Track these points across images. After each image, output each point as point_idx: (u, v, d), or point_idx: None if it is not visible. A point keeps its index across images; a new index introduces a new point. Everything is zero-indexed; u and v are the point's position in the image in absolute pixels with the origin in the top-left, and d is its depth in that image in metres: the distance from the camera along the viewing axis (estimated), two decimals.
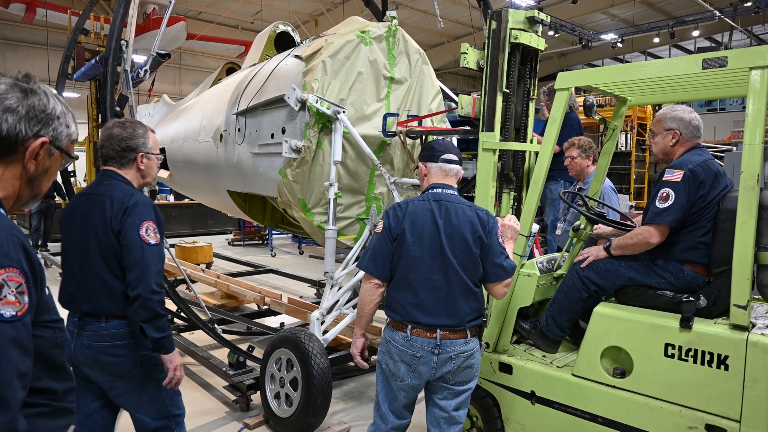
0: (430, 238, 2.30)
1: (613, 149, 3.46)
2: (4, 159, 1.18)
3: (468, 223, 2.33)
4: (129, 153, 2.27)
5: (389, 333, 2.39)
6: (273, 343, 3.62)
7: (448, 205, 2.35)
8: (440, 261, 2.29)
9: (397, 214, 2.36)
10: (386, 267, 2.33)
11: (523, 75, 3.43)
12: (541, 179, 2.92)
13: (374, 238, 2.39)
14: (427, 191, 2.43)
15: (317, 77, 3.94)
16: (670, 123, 2.69)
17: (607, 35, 21.28)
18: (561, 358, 3.00)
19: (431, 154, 2.46)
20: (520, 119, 3.46)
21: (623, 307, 2.69)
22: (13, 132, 1.16)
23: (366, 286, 2.37)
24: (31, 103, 1.19)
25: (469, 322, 2.35)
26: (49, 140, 1.22)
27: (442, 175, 2.45)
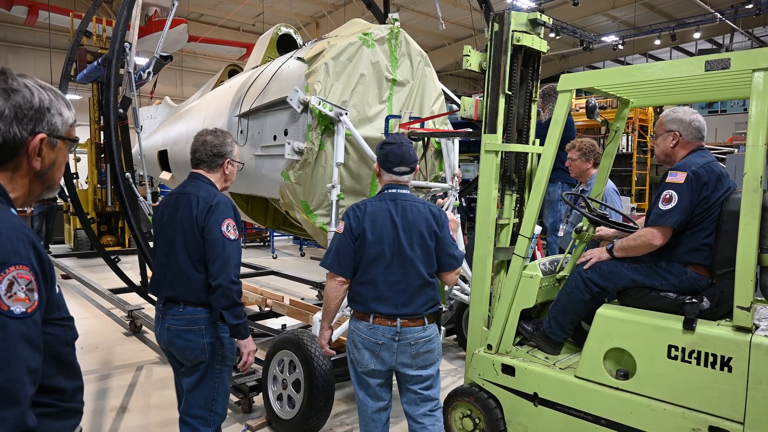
0: (388, 235, 2.47)
1: (615, 151, 3.47)
2: (10, 163, 1.18)
3: (423, 219, 2.50)
4: (218, 159, 2.58)
5: (354, 323, 2.55)
6: (275, 345, 3.62)
7: (404, 204, 2.52)
8: (399, 256, 2.47)
9: (357, 215, 2.50)
10: (349, 265, 2.48)
11: (526, 77, 3.44)
12: (544, 181, 2.93)
13: (335, 238, 2.52)
14: (383, 191, 2.59)
15: (320, 79, 3.95)
16: (670, 125, 2.71)
17: (608, 37, 21.29)
18: (564, 359, 3.00)
19: (385, 163, 2.58)
20: (522, 121, 3.47)
21: (626, 308, 2.69)
22: (9, 137, 1.15)
23: (331, 284, 2.51)
24: (16, 103, 1.16)
25: (426, 310, 2.52)
26: (47, 134, 1.20)
27: (394, 181, 2.60)
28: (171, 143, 6.27)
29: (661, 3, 20.07)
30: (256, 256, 11.37)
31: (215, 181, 2.62)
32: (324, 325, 2.64)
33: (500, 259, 3.28)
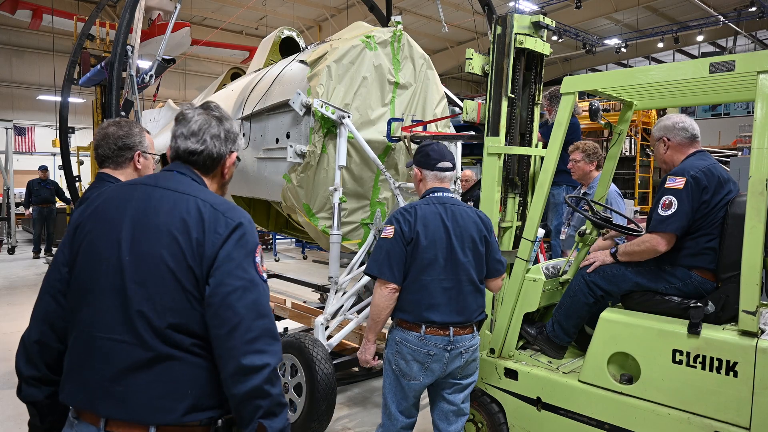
0: (441, 239, 2.39)
1: (618, 154, 3.45)
2: (212, 172, 1.55)
3: (473, 223, 2.47)
4: (125, 152, 2.22)
5: (401, 334, 2.43)
6: None
7: (453, 208, 2.46)
8: (451, 262, 2.40)
9: (408, 218, 2.41)
10: (401, 271, 2.38)
11: (528, 80, 3.43)
12: (547, 184, 2.91)
13: (384, 243, 2.40)
14: (428, 195, 2.53)
15: (322, 82, 3.95)
16: (657, 133, 2.78)
17: (611, 40, 21.27)
18: (567, 363, 2.98)
19: (427, 161, 2.54)
20: (525, 124, 3.46)
21: (630, 312, 2.67)
22: (219, 153, 1.53)
23: (382, 292, 2.38)
24: (226, 128, 1.54)
25: (476, 317, 2.47)
26: (236, 152, 1.58)
27: (438, 181, 2.55)
28: None
29: (663, 6, 20.04)
30: None
31: (126, 179, 2.11)
32: (370, 338, 2.51)
33: None
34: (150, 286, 1.34)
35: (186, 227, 1.36)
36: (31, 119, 19.76)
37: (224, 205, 1.43)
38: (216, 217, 1.39)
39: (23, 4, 14.13)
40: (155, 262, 1.34)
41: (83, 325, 1.38)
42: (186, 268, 1.34)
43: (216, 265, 1.34)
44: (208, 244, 1.35)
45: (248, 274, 1.36)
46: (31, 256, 11.59)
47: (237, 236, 1.38)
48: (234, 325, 1.31)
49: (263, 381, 1.31)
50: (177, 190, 1.43)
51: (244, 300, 1.33)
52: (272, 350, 1.34)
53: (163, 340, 1.32)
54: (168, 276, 1.34)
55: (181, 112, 1.54)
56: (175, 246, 1.35)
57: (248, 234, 1.41)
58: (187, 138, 1.50)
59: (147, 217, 1.39)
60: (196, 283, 1.35)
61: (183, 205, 1.40)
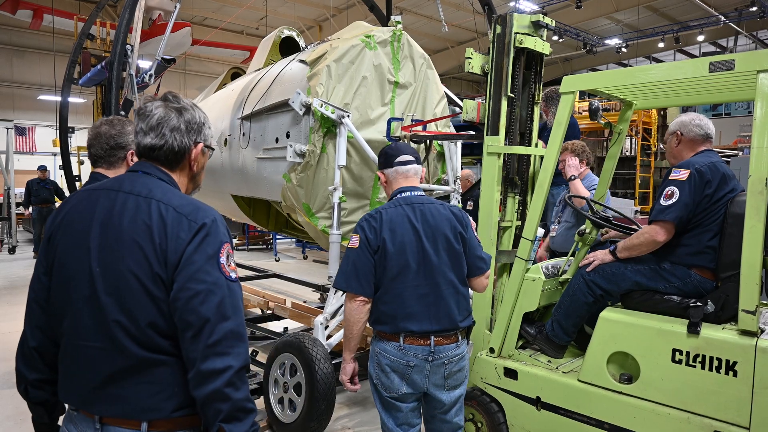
0: (411, 243, 2.25)
1: (618, 153, 3.45)
2: (178, 167, 1.51)
3: (446, 220, 2.31)
4: (118, 151, 2.19)
5: (379, 345, 2.30)
6: (277, 348, 3.60)
7: (422, 207, 2.31)
8: (425, 265, 2.25)
9: (373, 225, 2.27)
10: (370, 282, 2.24)
11: (528, 79, 3.43)
12: (547, 183, 2.91)
13: (351, 254, 2.26)
14: (394, 197, 2.39)
15: (322, 81, 3.95)
16: (672, 127, 2.78)
17: (611, 40, 21.25)
18: (566, 363, 2.98)
19: (386, 160, 2.43)
20: (525, 124, 3.46)
21: (630, 312, 2.67)
22: (181, 146, 1.48)
23: (351, 306, 2.24)
24: (187, 119, 1.48)
25: (460, 322, 2.32)
26: (203, 143, 1.53)
27: (403, 178, 2.41)
28: None
29: (664, 6, 20.01)
30: (259, 258, 11.37)
31: None
32: (346, 357, 2.36)
33: (503, 262, 3.26)
34: (121, 297, 1.32)
35: (149, 234, 1.33)
36: (32, 119, 19.77)
37: (188, 207, 1.38)
38: (178, 220, 1.35)
39: (24, 4, 14.13)
40: (122, 272, 1.32)
41: (68, 334, 1.39)
42: (153, 276, 1.32)
43: (178, 270, 1.32)
44: (171, 250, 1.32)
45: (211, 276, 1.32)
46: (31, 255, 11.59)
47: (199, 239, 1.34)
48: (197, 328, 1.29)
49: (224, 384, 1.28)
50: (140, 194, 1.40)
51: (207, 303, 1.30)
52: (235, 352, 1.31)
53: (144, 347, 1.32)
54: (137, 286, 1.32)
55: (140, 106, 1.51)
56: (140, 254, 1.32)
57: (211, 235, 1.36)
58: (147, 134, 1.46)
59: (112, 224, 1.37)
60: (165, 290, 1.33)
61: (145, 210, 1.36)
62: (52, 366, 1.46)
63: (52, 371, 1.47)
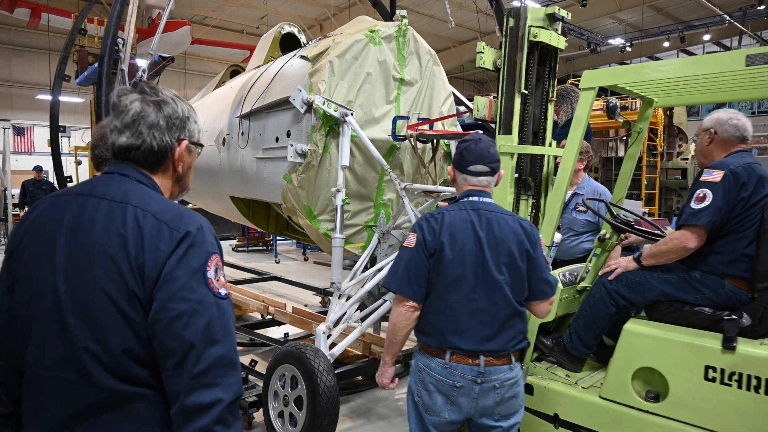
0: (471, 253, 2.04)
1: (637, 153, 3.26)
2: (160, 168, 1.32)
3: (512, 234, 2.08)
4: None
5: (423, 360, 2.11)
6: (276, 359, 3.42)
7: (488, 215, 2.10)
8: (483, 279, 2.04)
9: (433, 226, 2.08)
10: (422, 287, 2.06)
11: (542, 75, 3.25)
12: (565, 184, 2.73)
13: (405, 254, 2.09)
14: (462, 199, 2.17)
15: (324, 78, 3.77)
16: (707, 123, 2.57)
17: (614, 40, 21.08)
18: (586, 377, 2.79)
19: (459, 162, 2.18)
20: (539, 122, 3.28)
21: (657, 324, 2.48)
22: (162, 145, 1.29)
23: (399, 310, 2.07)
24: (167, 114, 1.29)
25: (514, 345, 2.10)
26: (188, 140, 1.34)
27: (471, 185, 2.18)
28: None
29: (668, 5, 19.85)
30: (259, 260, 11.19)
31: None
32: (387, 360, 2.21)
33: None
34: (91, 320, 1.12)
35: (123, 245, 1.14)
36: (30, 119, 19.60)
37: (170, 213, 1.19)
38: (158, 229, 1.16)
39: (22, 3, 13.97)
40: (92, 291, 1.12)
41: (31, 363, 1.18)
42: (128, 295, 1.12)
43: (158, 286, 1.12)
44: (149, 263, 1.13)
45: (196, 294, 1.13)
46: None
47: (182, 250, 1.15)
48: (181, 356, 1.09)
49: (213, 421, 1.09)
50: (114, 199, 1.20)
51: (192, 326, 1.10)
52: (226, 383, 1.12)
53: (119, 378, 1.13)
54: (109, 306, 1.12)
55: (114, 100, 1.30)
56: (113, 269, 1.13)
57: (197, 245, 1.16)
58: (121, 132, 1.26)
59: (81, 235, 1.17)
60: (143, 311, 1.13)
61: (120, 217, 1.17)
62: (16, 399, 1.26)
63: (16, 405, 1.26)
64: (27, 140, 19.75)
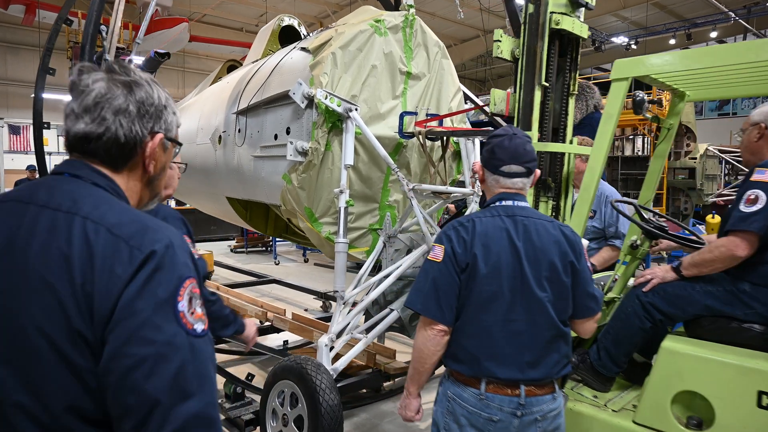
0: (508, 265, 1.78)
1: (667, 151, 3.01)
2: (126, 165, 1.06)
3: (554, 243, 1.81)
4: None
5: (453, 389, 1.84)
6: (275, 373, 3.16)
7: (526, 222, 1.82)
8: (523, 296, 1.77)
9: (463, 236, 1.80)
10: (453, 307, 1.79)
11: (563, 67, 3.00)
12: (593, 186, 2.48)
13: (431, 269, 1.82)
14: (493, 203, 1.89)
15: (326, 71, 3.51)
16: (755, 117, 2.32)
17: (617, 38, 20.84)
18: (615, 399, 2.53)
19: (489, 159, 1.90)
20: (559, 118, 3.03)
21: (700, 342, 2.22)
22: (130, 136, 1.03)
23: (427, 334, 1.81)
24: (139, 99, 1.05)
25: (558, 372, 1.84)
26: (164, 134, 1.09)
27: (503, 188, 1.90)
28: None
29: (672, 3, 19.63)
30: (258, 262, 10.94)
31: None
32: (412, 391, 1.95)
33: None
34: (24, 367, 0.86)
35: (67, 269, 0.87)
36: (26, 117, 19.20)
37: (131, 226, 0.92)
38: (114, 247, 0.88)
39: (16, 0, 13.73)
40: (25, 329, 0.85)
41: None
42: (71, 335, 0.85)
43: (112, 324, 0.85)
44: (100, 293, 0.85)
45: (163, 334, 0.86)
46: None
47: (145, 275, 0.87)
48: (142, 416, 0.83)
49: None
50: (60, 208, 0.93)
51: (156, 376, 0.84)
52: None
53: None
54: (47, 350, 0.85)
55: (73, 79, 1.03)
56: (52, 301, 0.86)
57: (165, 269, 0.89)
58: (79, 117, 1.00)
59: (14, 255, 0.89)
60: (92, 356, 0.86)
61: (64, 232, 0.90)
62: None
63: None
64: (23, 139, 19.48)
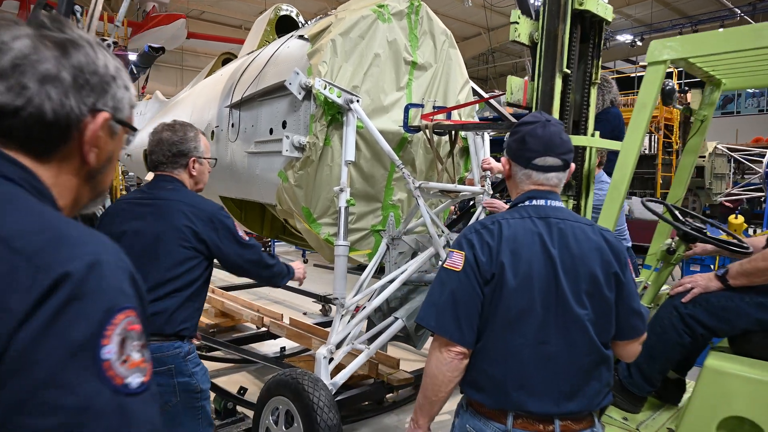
0: (541, 278, 1.48)
1: (700, 146, 2.74)
2: (56, 153, 0.78)
3: (595, 251, 1.51)
4: (180, 158, 2.17)
5: (473, 422, 1.55)
6: (269, 389, 2.90)
7: (561, 226, 1.53)
8: (558, 314, 1.48)
9: (487, 241, 1.51)
10: (474, 326, 1.50)
11: (585, 53, 2.74)
12: (625, 184, 2.21)
13: (448, 279, 1.53)
14: (522, 202, 1.60)
15: (325, 59, 3.24)
16: None
17: (621, 36, 20.59)
18: (648, 421, 2.27)
19: (520, 150, 1.60)
20: (580, 109, 2.77)
21: (751, 361, 1.95)
22: (61, 113, 0.75)
23: (442, 357, 1.50)
24: (77, 64, 0.77)
25: (599, 403, 1.54)
26: (111, 114, 0.81)
27: (535, 184, 1.60)
28: None
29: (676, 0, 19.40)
30: None
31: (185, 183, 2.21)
32: (422, 424, 1.63)
33: None
34: None
35: None
36: None
37: (37, 238, 0.65)
38: (10, 267, 0.61)
39: None
40: None
41: None
42: None
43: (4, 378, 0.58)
44: None
45: (75, 395, 0.59)
46: None
47: (52, 308, 0.60)
48: None
49: None
50: None
51: None
52: None
53: None
54: None
55: None
56: None
57: (85, 297, 0.62)
58: None
59: None
60: None
61: None
62: None
63: None
64: None
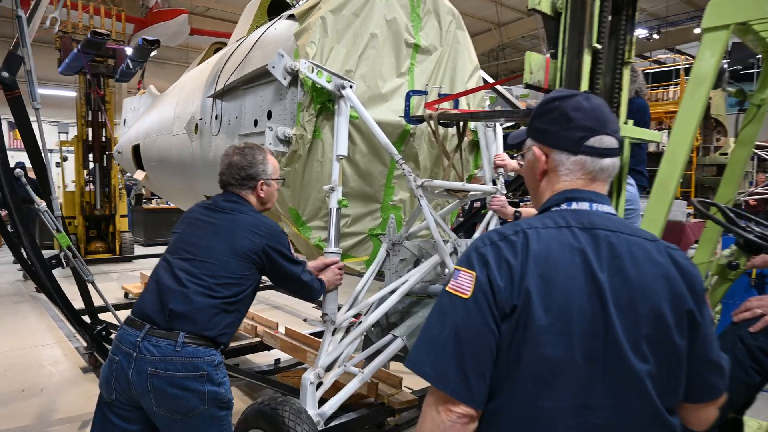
0: (585, 315, 1.01)
1: (756, 136, 2.31)
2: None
3: (662, 280, 1.05)
4: (249, 182, 2.26)
5: None
6: (246, 419, 2.49)
7: (612, 240, 1.07)
8: (607, 367, 1.01)
9: (507, 258, 1.05)
10: (485, 377, 1.03)
11: (617, 27, 2.32)
12: (675, 179, 1.79)
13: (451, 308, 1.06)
14: (555, 205, 1.15)
15: (314, 39, 2.83)
16: None
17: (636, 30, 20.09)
18: None
19: (563, 131, 1.14)
20: (611, 93, 2.35)
21: None
22: None
23: (440, 420, 1.03)
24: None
25: None
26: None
27: (584, 177, 1.15)
28: (143, 136, 5.23)
29: None
30: None
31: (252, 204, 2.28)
32: None
33: None
34: None
35: None
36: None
37: None
38: None
39: None
40: None
41: None
42: None
43: None
44: None
45: None
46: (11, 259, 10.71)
47: None
48: None
49: None
50: None
51: None
52: None
53: None
54: None
55: None
56: None
57: None
58: None
59: None
60: None
61: None
62: None
63: None
64: None
